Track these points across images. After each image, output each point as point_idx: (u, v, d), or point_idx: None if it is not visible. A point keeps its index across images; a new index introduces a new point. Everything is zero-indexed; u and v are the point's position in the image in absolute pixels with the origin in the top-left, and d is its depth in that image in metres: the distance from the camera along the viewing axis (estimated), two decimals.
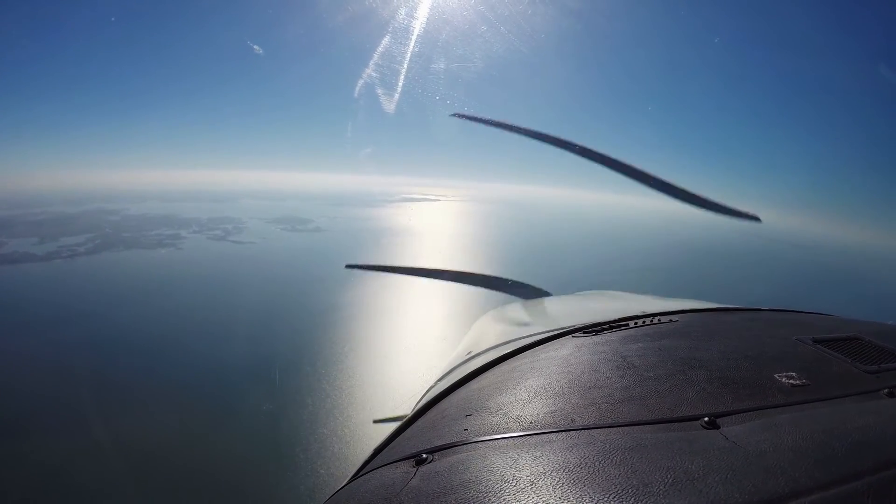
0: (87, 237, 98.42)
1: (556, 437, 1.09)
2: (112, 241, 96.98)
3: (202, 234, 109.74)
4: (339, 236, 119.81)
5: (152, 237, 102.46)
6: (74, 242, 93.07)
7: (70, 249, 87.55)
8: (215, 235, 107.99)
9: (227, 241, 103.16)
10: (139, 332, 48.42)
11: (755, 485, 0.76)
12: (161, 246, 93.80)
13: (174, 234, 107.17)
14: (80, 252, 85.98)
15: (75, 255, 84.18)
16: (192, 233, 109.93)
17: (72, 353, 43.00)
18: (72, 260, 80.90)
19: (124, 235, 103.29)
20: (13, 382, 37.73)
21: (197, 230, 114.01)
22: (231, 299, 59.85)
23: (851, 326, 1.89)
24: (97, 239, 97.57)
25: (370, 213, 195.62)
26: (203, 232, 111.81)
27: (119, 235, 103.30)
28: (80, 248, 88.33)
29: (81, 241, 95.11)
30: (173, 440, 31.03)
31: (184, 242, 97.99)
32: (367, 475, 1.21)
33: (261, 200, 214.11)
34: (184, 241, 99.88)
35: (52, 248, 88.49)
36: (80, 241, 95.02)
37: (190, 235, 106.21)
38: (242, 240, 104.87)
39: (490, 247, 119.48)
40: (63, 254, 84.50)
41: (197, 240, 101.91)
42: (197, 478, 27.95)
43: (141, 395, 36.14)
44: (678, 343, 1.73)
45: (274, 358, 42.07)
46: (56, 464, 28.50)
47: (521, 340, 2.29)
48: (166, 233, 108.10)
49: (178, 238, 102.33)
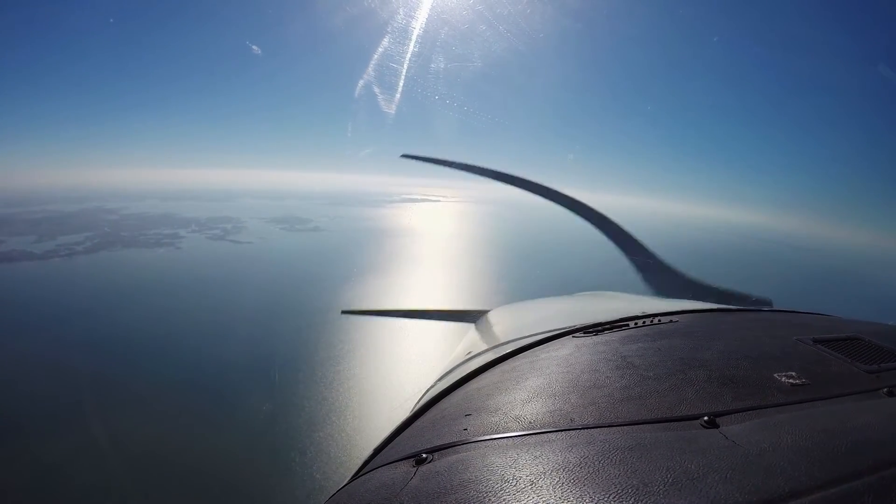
0: (85, 236, 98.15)
1: (556, 436, 1.09)
2: (111, 239, 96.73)
3: (201, 233, 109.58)
4: (338, 236, 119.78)
5: (151, 236, 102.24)
6: (73, 241, 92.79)
7: (68, 248, 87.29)
8: (214, 235, 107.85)
9: (226, 240, 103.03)
10: (136, 332, 48.27)
11: (755, 484, 0.76)
12: (160, 245, 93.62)
13: (173, 233, 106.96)
14: (78, 251, 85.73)
15: (73, 253, 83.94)
16: (191, 232, 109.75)
17: (69, 352, 42.87)
18: (70, 258, 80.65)
19: (123, 234, 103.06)
20: (9, 381, 37.59)
21: (196, 229, 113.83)
22: (229, 299, 59.73)
23: (851, 326, 1.89)
24: (96, 238, 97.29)
25: (370, 213, 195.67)
26: (202, 231, 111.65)
27: (118, 234, 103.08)
28: (79, 247, 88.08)
29: (80, 239, 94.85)
30: (169, 440, 30.93)
31: (183, 242, 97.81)
32: (367, 475, 1.21)
33: (260, 200, 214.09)
34: (183, 240, 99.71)
35: (50, 247, 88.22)
36: (78, 239, 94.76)
37: (189, 235, 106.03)
38: (241, 239, 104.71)
39: (490, 248, 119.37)
40: (61, 252, 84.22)
41: (196, 239, 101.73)
42: (194, 478, 27.82)
43: (138, 395, 36.00)
44: (678, 343, 1.73)
45: (271, 358, 41.95)
46: (53, 463, 28.36)
47: (521, 340, 2.28)
48: (165, 232, 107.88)
49: (176, 237, 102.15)
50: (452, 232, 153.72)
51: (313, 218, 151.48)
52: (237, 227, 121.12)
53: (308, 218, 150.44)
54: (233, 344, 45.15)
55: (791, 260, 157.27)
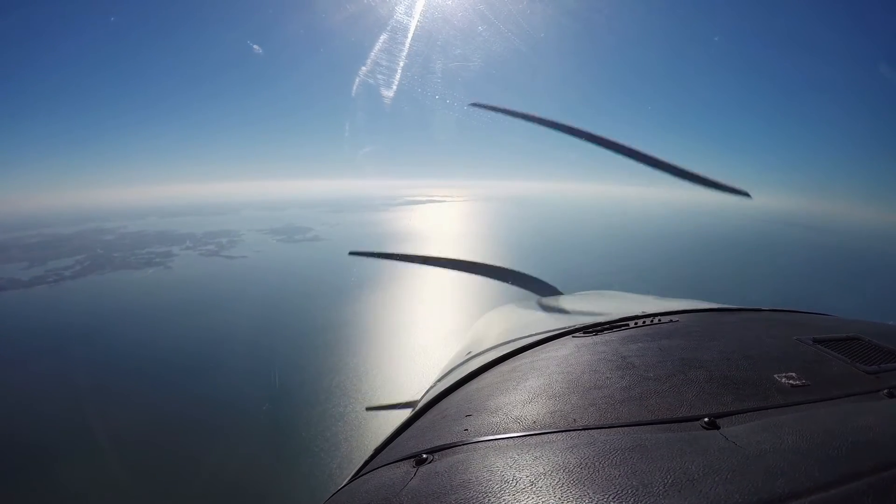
0: (76, 259, 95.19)
1: (556, 437, 1.09)
2: (101, 262, 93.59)
3: (195, 249, 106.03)
4: (337, 245, 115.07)
5: (143, 256, 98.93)
6: (63, 266, 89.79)
7: (56, 273, 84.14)
8: (208, 251, 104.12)
9: (220, 256, 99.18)
10: (110, 364, 44.47)
11: (755, 485, 0.76)
12: (150, 265, 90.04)
13: (166, 251, 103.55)
14: (65, 276, 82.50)
15: (60, 279, 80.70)
16: (184, 249, 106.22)
17: (40, 386, 39.98)
18: (55, 285, 77.37)
19: (115, 255, 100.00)
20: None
21: (190, 246, 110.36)
22: (216, 320, 55.45)
23: (851, 326, 1.89)
24: (86, 261, 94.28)
25: (372, 217, 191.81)
26: (196, 248, 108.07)
27: (109, 256, 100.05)
28: (66, 272, 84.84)
29: (70, 263, 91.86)
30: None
31: (174, 260, 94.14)
32: (367, 475, 1.21)
33: (262, 211, 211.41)
34: (174, 258, 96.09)
35: (39, 273, 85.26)
36: (68, 263, 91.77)
37: (182, 252, 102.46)
38: (235, 254, 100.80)
39: (494, 246, 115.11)
40: (48, 279, 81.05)
41: (188, 257, 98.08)
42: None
43: (109, 432, 32.41)
44: (678, 343, 1.72)
45: (256, 397, 37.63)
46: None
47: (521, 340, 2.29)
48: (158, 250, 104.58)
49: (168, 256, 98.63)
50: (457, 232, 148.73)
51: (313, 226, 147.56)
52: (233, 241, 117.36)
53: (308, 227, 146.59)
54: (212, 376, 41.00)
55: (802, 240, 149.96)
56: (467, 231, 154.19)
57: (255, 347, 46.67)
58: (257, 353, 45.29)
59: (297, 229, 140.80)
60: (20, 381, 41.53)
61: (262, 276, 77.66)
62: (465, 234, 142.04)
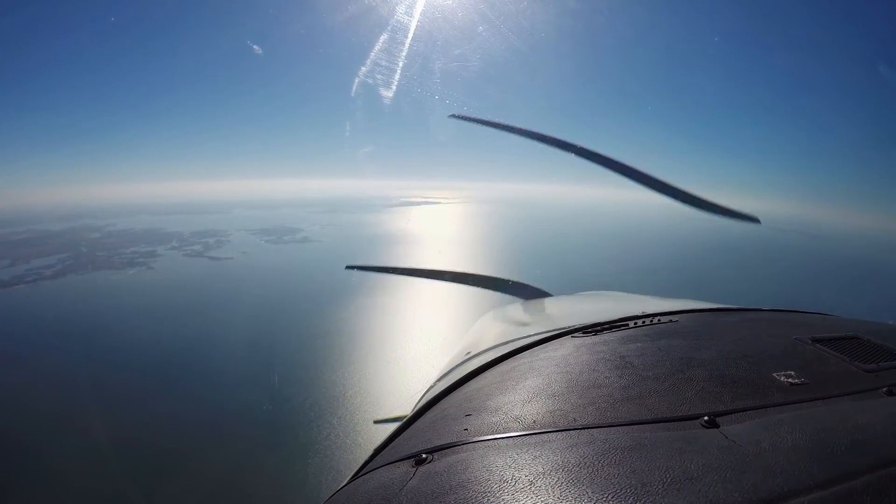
0: (58, 258, 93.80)
1: (556, 436, 1.09)
2: (83, 261, 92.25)
3: (180, 249, 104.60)
4: (326, 246, 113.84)
5: (126, 255, 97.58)
6: (44, 265, 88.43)
7: (36, 273, 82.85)
8: (193, 251, 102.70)
9: (204, 256, 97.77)
10: (81, 369, 43.13)
11: (754, 483, 0.76)
12: (132, 265, 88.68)
13: (150, 250, 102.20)
14: (45, 276, 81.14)
15: (39, 279, 79.36)
16: (169, 249, 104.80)
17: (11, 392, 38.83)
18: (33, 285, 76.00)
19: (98, 254, 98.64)
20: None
21: (176, 246, 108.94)
22: (188, 329, 54.16)
23: (850, 326, 1.91)
24: (69, 260, 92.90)
25: (366, 218, 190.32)
26: (182, 248, 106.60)
27: (93, 255, 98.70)
28: (47, 272, 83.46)
29: (52, 262, 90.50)
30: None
31: (157, 261, 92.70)
32: (367, 475, 1.22)
33: (254, 210, 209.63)
34: (158, 258, 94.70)
35: (20, 272, 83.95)
36: (50, 262, 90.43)
37: (166, 252, 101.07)
38: (221, 255, 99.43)
39: (490, 248, 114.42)
40: (28, 278, 79.75)
41: (172, 257, 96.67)
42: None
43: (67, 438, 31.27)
44: (678, 343, 1.73)
45: (228, 400, 36.66)
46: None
47: (520, 340, 2.29)
48: (143, 250, 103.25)
49: (152, 256, 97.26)
50: (452, 235, 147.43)
51: (304, 227, 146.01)
52: (220, 242, 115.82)
53: (298, 227, 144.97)
54: (185, 386, 40.07)
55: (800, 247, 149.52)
56: (463, 234, 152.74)
57: (230, 354, 45.63)
58: (233, 360, 44.28)
59: (286, 230, 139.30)
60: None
61: (245, 281, 75.76)
62: (460, 237, 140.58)
